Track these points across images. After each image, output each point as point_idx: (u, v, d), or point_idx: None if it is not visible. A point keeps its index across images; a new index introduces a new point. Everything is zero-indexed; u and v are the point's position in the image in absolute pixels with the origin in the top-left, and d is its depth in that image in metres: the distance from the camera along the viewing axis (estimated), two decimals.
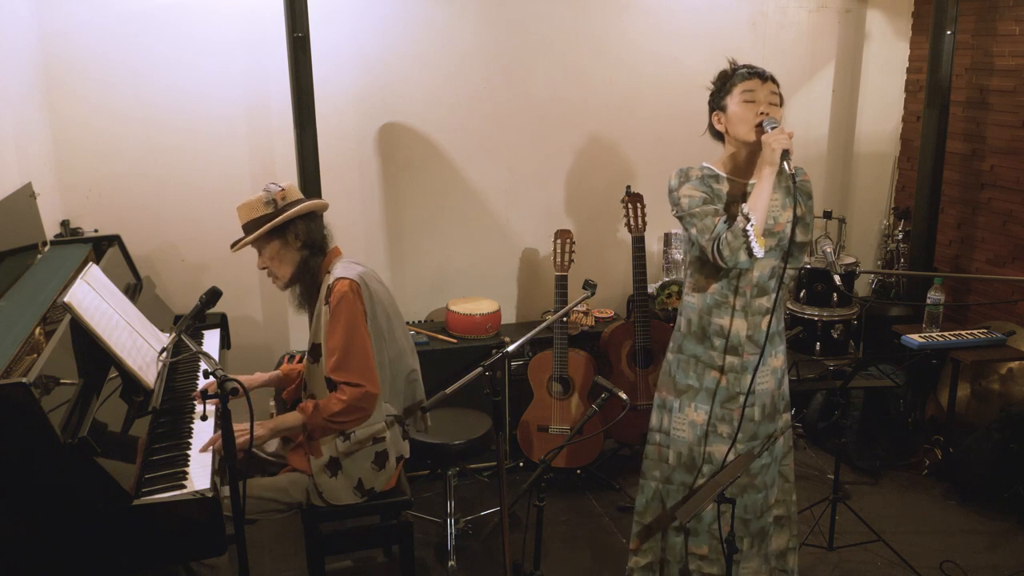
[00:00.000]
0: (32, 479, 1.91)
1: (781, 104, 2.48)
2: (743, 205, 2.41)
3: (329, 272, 2.60)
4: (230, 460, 2.05)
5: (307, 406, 2.53)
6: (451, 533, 3.31)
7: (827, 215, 4.48)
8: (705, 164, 2.54)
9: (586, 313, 4.10)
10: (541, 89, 4.10)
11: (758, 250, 2.38)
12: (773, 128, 2.36)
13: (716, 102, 2.52)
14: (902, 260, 4.58)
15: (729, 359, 2.54)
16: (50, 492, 1.93)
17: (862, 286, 4.79)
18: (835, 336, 4.24)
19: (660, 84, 4.26)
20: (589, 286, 2.56)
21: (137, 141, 3.57)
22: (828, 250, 3.72)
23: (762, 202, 2.37)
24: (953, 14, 4.02)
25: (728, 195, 2.50)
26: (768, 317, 2.51)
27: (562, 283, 3.75)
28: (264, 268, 2.64)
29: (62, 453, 1.88)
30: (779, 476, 2.68)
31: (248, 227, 2.58)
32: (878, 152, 4.82)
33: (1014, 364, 3.84)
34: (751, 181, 2.49)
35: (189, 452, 2.31)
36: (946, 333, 3.79)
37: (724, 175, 2.52)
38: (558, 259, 3.76)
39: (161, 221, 3.67)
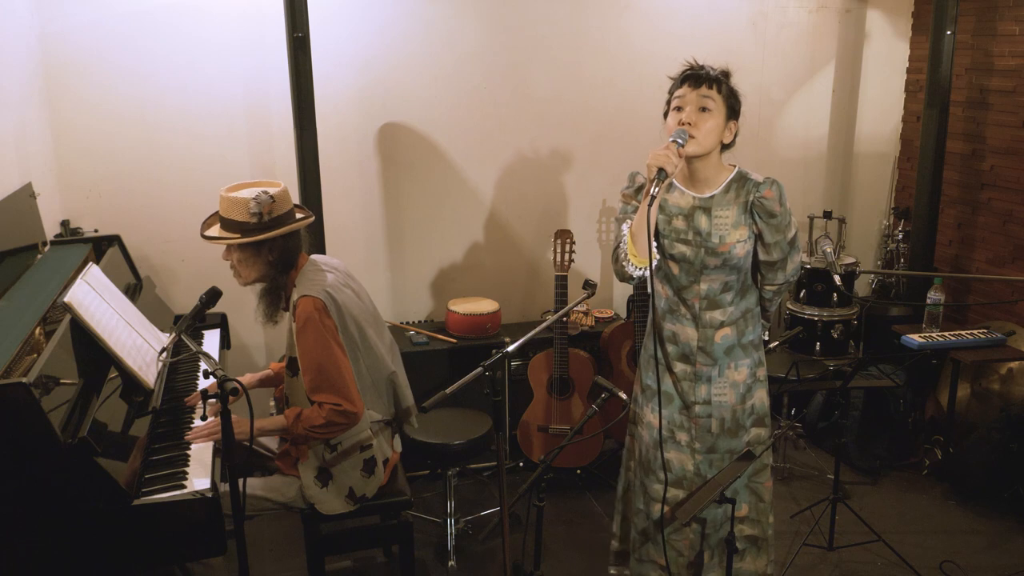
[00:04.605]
0: (32, 479, 1.91)
1: (726, 107, 2.30)
2: (628, 220, 2.35)
3: (295, 285, 2.53)
4: (230, 459, 2.06)
5: (290, 413, 2.51)
6: (451, 533, 3.31)
7: (827, 215, 4.48)
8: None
9: (586, 313, 4.10)
10: (541, 89, 4.10)
11: (631, 267, 2.30)
12: (678, 142, 2.21)
13: (665, 113, 2.40)
14: (902, 260, 4.58)
15: (681, 366, 2.48)
16: (50, 492, 1.93)
17: (862, 286, 4.79)
18: (835, 336, 4.23)
19: (660, 85, 4.20)
20: (589, 286, 2.56)
21: (137, 141, 3.57)
22: (828, 250, 3.71)
23: (638, 219, 2.28)
24: (953, 14, 4.01)
25: (675, 206, 2.39)
26: (722, 330, 2.42)
27: (562, 283, 3.75)
28: (228, 261, 2.56)
29: (62, 453, 1.89)
30: (750, 493, 2.53)
31: (226, 223, 2.50)
32: (878, 152, 4.82)
33: (1014, 364, 3.84)
34: (694, 194, 2.38)
35: (189, 452, 2.31)
36: (946, 333, 3.79)
37: (678, 185, 2.41)
38: (558, 259, 3.76)
39: (161, 221, 3.67)
